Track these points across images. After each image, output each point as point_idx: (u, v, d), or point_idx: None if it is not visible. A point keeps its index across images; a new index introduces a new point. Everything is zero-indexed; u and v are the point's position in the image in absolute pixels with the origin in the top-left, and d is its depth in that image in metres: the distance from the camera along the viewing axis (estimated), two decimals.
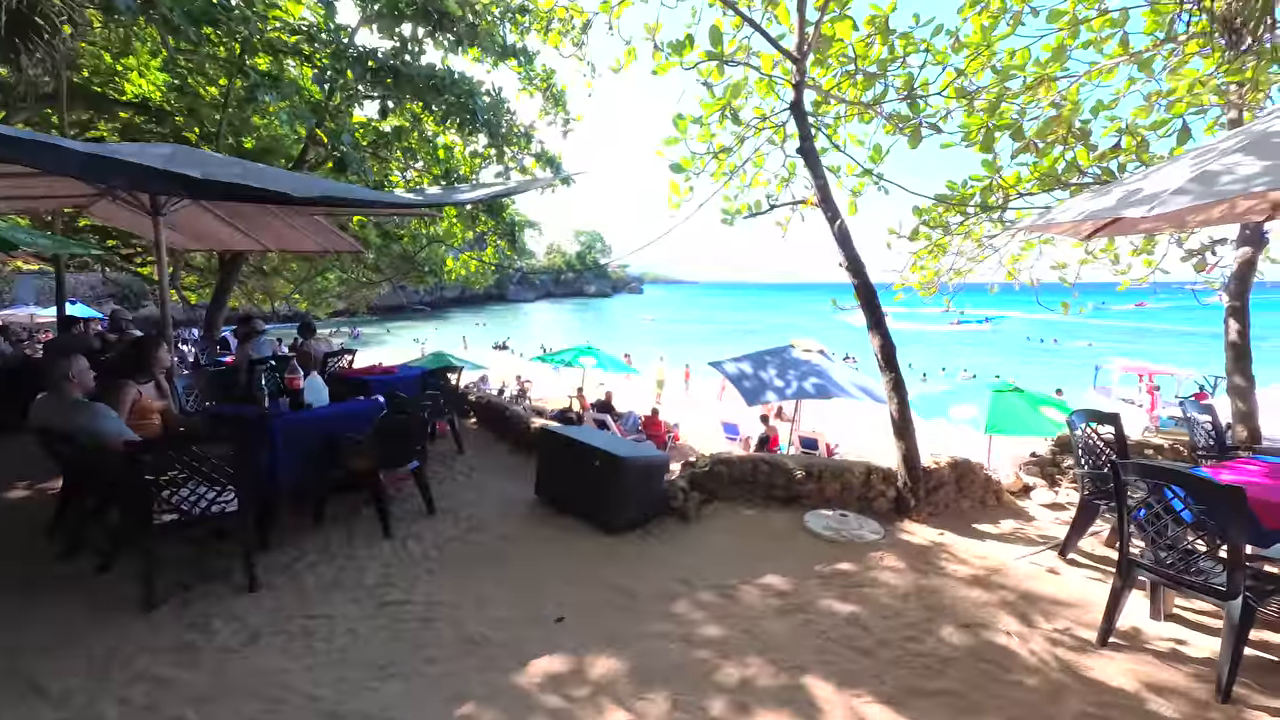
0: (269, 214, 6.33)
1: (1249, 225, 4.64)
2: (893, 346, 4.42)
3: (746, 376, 8.27)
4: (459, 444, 5.95)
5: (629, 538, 4.06)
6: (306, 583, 3.27)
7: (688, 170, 5.67)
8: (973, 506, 4.59)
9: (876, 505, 4.42)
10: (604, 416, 11.74)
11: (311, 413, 4.27)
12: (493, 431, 6.70)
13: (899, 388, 4.37)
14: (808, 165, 4.77)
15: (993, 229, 7.50)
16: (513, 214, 12.82)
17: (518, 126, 10.38)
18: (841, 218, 4.57)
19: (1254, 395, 4.40)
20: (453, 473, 5.35)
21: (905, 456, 4.29)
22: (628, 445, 4.59)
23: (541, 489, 4.63)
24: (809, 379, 7.89)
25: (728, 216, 6.84)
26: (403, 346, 39.07)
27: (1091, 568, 3.59)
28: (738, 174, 6.67)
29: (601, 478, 4.11)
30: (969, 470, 4.62)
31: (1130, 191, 2.82)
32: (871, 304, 4.47)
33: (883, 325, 4.43)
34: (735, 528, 4.22)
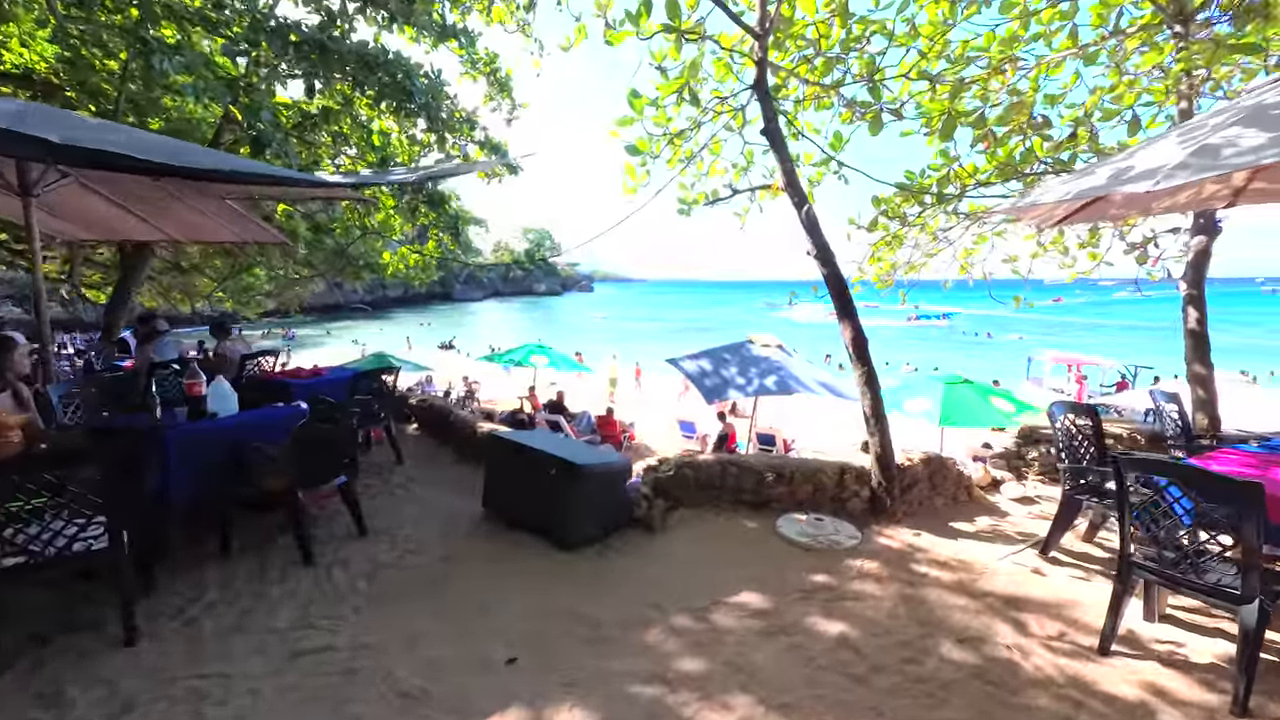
0: (170, 197, 5.56)
1: (1203, 214, 4.66)
2: (865, 339, 4.20)
3: (706, 374, 8.00)
4: (397, 453, 5.39)
5: (588, 554, 3.67)
6: (202, 630, 2.71)
7: (644, 153, 5.31)
8: (946, 504, 4.43)
9: (850, 506, 4.18)
10: (557, 418, 11.26)
11: (215, 423, 3.68)
12: (436, 438, 6.15)
13: (872, 382, 4.15)
14: (772, 147, 4.49)
15: (948, 221, 7.51)
16: (457, 207, 12.16)
17: (459, 112, 9.78)
18: (809, 204, 4.31)
19: (1214, 383, 4.42)
20: (389, 486, 4.80)
21: (879, 455, 4.07)
22: (585, 450, 4.18)
23: (490, 501, 4.17)
24: (769, 375, 7.68)
25: (684, 206, 6.53)
26: (342, 348, 37.18)
27: (1075, 565, 3.44)
28: (694, 161, 6.38)
29: (557, 488, 3.69)
30: (941, 467, 4.45)
31: (1120, 170, 2.61)
32: (842, 295, 4.23)
33: (854, 317, 4.19)
34: (705, 537, 3.89)
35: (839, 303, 4.23)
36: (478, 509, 4.21)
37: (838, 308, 4.23)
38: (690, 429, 11.85)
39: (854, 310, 4.20)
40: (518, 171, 10.82)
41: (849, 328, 4.18)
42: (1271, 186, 3.77)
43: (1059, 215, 3.94)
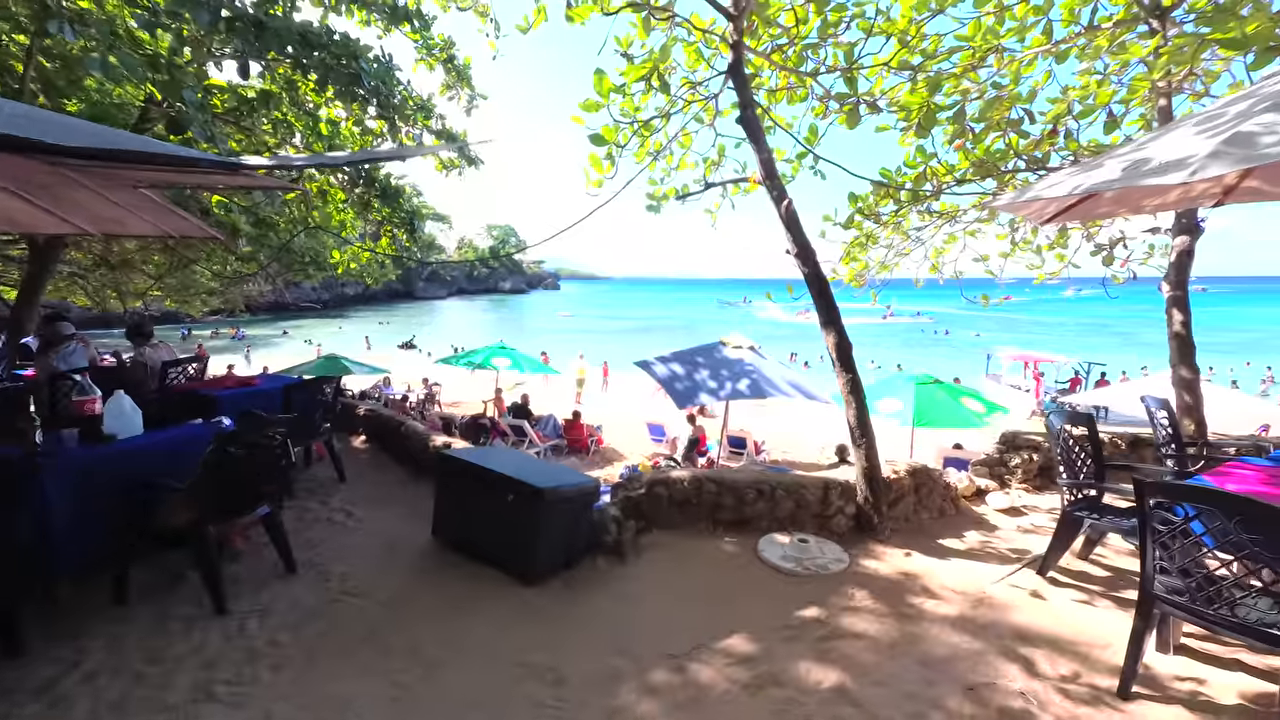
0: (72, 184, 4.91)
1: (1185, 214, 4.55)
2: (849, 344, 3.91)
3: (677, 378, 7.66)
4: (339, 471, 4.88)
5: (553, 588, 3.27)
6: (75, 709, 2.22)
7: (610, 143, 4.91)
8: (932, 518, 4.19)
9: (835, 524, 3.89)
10: (520, 422, 10.79)
11: (112, 449, 3.15)
12: (386, 452, 5.65)
13: (856, 390, 3.86)
14: (749, 137, 4.16)
15: (920, 220, 7.35)
16: (419, 203, 11.51)
17: (414, 99, 9.21)
18: (789, 198, 4.00)
19: (1200, 388, 4.29)
20: (328, 510, 4.30)
21: (866, 469, 3.79)
22: (547, 471, 3.78)
23: (441, 529, 3.73)
24: (742, 379, 7.39)
25: (654, 203, 6.19)
26: (296, 349, 35.61)
27: (1076, 587, 3.22)
28: (664, 155, 6.03)
29: (517, 516, 3.29)
30: (928, 479, 4.21)
31: (1137, 162, 2.35)
32: (824, 296, 3.93)
33: (837, 321, 3.90)
34: (680, 563, 3.54)
35: (821, 305, 3.93)
36: (427, 536, 3.76)
37: (819, 311, 3.93)
38: (659, 432, 11.53)
39: (837, 314, 3.91)
40: (477, 164, 10.31)
41: (832, 332, 3.89)
42: (1264, 186, 3.62)
43: (1051, 211, 3.73)
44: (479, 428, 11.25)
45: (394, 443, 5.49)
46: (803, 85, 5.58)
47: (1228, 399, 8.87)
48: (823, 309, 3.92)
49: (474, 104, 10.05)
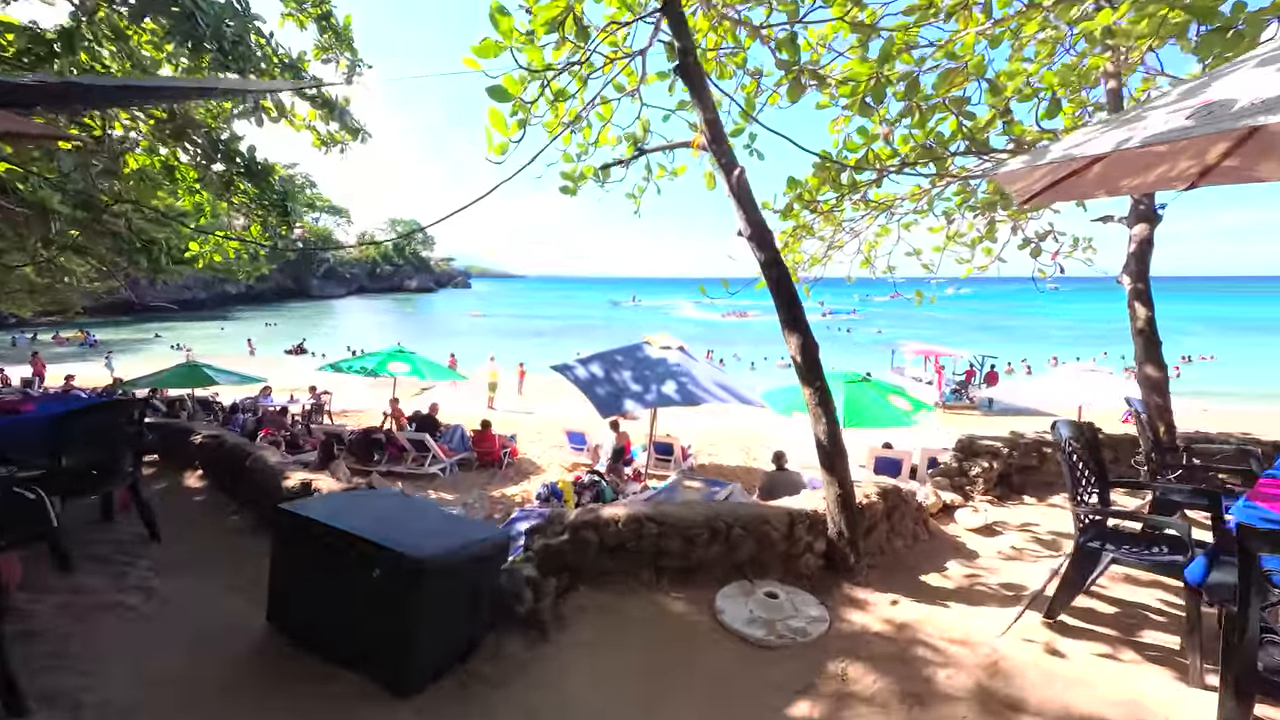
0: None
1: (1143, 201, 4.28)
2: (815, 347, 3.22)
3: (598, 381, 6.81)
4: (149, 526, 3.60)
5: (440, 697, 2.32)
6: None
7: (514, 98, 3.96)
8: (906, 545, 3.60)
9: (803, 565, 3.19)
10: (422, 436, 9.49)
11: None
12: (228, 492, 4.37)
13: (826, 403, 3.18)
14: (690, 90, 3.37)
15: (854, 211, 6.94)
16: (312, 194, 9.86)
17: (278, 56, 7.74)
18: (740, 167, 3.25)
19: (1168, 387, 4.00)
20: (122, 586, 3.06)
21: (840, 497, 3.11)
22: (435, 524, 2.78)
23: (279, 614, 2.65)
24: (668, 381, 6.65)
25: (569, 183, 5.31)
26: (165, 354, 31.24)
27: (1094, 637, 2.69)
28: (580, 127, 5.17)
29: (386, 598, 2.30)
30: (900, 501, 3.62)
31: (1211, 106, 1.79)
32: (784, 288, 3.22)
33: (801, 319, 3.20)
34: (617, 636, 2.69)
35: (780, 300, 3.22)
36: (262, 623, 2.67)
37: (780, 307, 3.22)
38: (580, 441, 10.60)
39: (801, 310, 3.22)
40: (363, 136, 8.95)
41: (795, 333, 3.18)
42: (1242, 165, 3.30)
43: (1037, 189, 3.23)
44: (371, 443, 9.82)
45: (239, 480, 4.24)
46: (740, 49, 4.89)
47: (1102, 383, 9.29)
48: (783, 304, 3.21)
49: (357, 71, 8.68)
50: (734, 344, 38.31)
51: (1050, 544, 3.66)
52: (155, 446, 5.53)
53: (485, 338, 43.79)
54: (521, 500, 8.73)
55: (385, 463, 9.65)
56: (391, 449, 9.78)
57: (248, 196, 9.23)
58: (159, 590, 3.02)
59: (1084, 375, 9.28)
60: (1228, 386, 23.91)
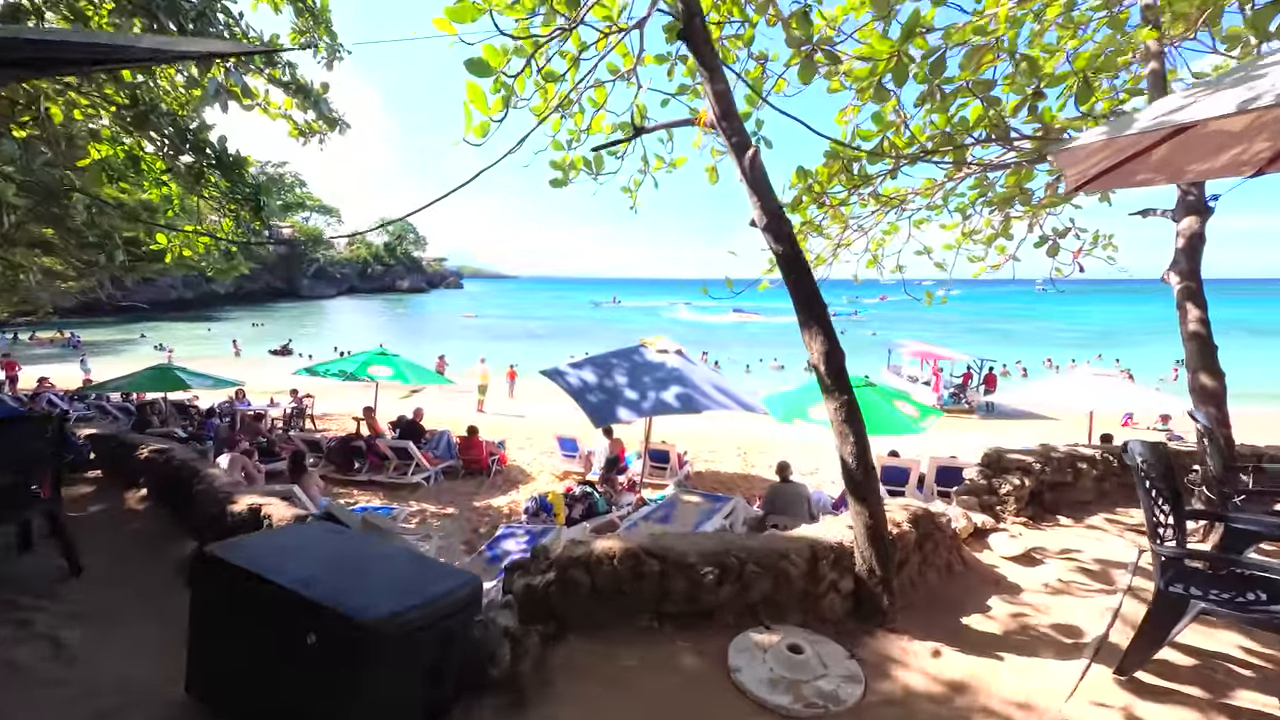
0: None
1: (1191, 191, 3.89)
2: (841, 354, 2.79)
3: (591, 388, 6.36)
4: (70, 559, 3.11)
5: None
6: None
7: (497, 70, 3.51)
8: (940, 578, 3.18)
9: (828, 607, 2.76)
10: (404, 444, 9.00)
11: None
12: (174, 516, 3.88)
13: (854, 419, 2.74)
14: (697, 58, 2.93)
15: (861, 207, 6.55)
16: (303, 193, 9.36)
17: (249, 39, 7.27)
18: (755, 146, 2.82)
19: (1225, 397, 3.58)
20: (25, 636, 2.58)
21: (870, 528, 2.68)
22: (394, 569, 2.31)
23: (200, 683, 2.18)
24: (669, 388, 6.22)
25: (560, 174, 4.88)
26: (147, 355, 30.46)
27: (1178, 700, 2.27)
28: (571, 113, 4.75)
29: (323, 668, 1.84)
30: (934, 528, 3.19)
31: None
32: (804, 286, 2.79)
33: (825, 321, 2.77)
34: (612, 704, 2.24)
35: (800, 299, 2.78)
36: (182, 691, 2.20)
37: (800, 308, 2.79)
38: (572, 448, 10.15)
39: (824, 310, 2.79)
40: (340, 126, 8.49)
41: (819, 337, 2.74)
42: None
43: (1093, 173, 2.82)
44: (351, 451, 9.33)
45: (185, 504, 3.75)
46: (747, 25, 4.46)
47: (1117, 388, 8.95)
48: (802, 304, 2.78)
49: (337, 56, 8.22)
50: (728, 346, 37.98)
51: (1099, 575, 3.25)
52: (98, 461, 5.03)
53: (476, 339, 43.23)
54: (509, 511, 8.28)
55: (366, 471, 9.16)
56: (372, 457, 9.30)
57: (219, 190, 8.73)
58: (68, 644, 2.54)
59: (1095, 380, 8.92)
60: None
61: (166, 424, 11.94)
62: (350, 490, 8.84)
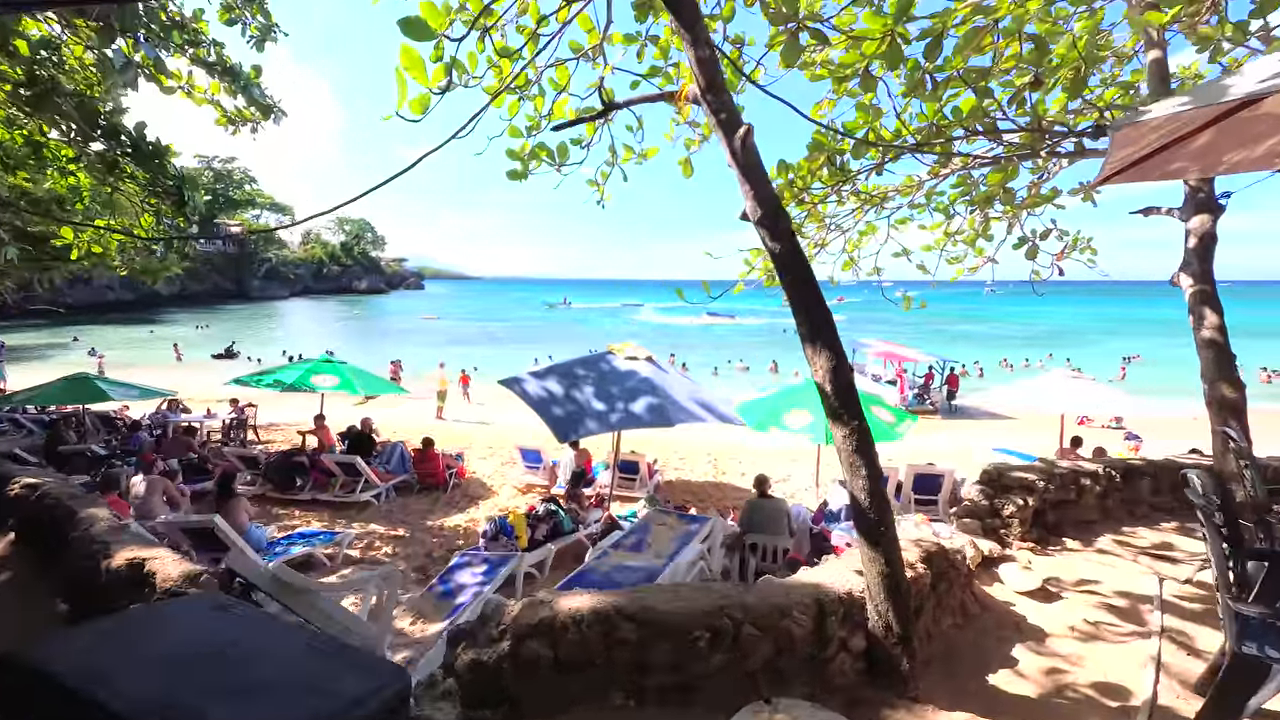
0: None
1: (1201, 189, 3.63)
2: (849, 371, 2.36)
3: (555, 400, 5.83)
4: None
5: None
6: None
7: (438, 34, 2.96)
8: (956, 624, 2.79)
9: (837, 671, 2.32)
10: (352, 459, 8.27)
11: None
12: (43, 564, 3.20)
13: (865, 449, 2.32)
14: (681, 24, 2.46)
15: (838, 206, 6.24)
16: (256, 192, 8.50)
17: (166, 14, 6.55)
18: (748, 124, 2.37)
19: (1246, 410, 3.31)
20: None
21: (887, 578, 2.25)
22: (286, 661, 1.73)
23: None
24: (639, 399, 5.75)
25: (518, 164, 4.36)
26: (77, 362, 28.29)
27: None
28: (529, 94, 4.25)
29: None
30: (947, 566, 2.80)
31: None
32: (804, 289, 2.35)
33: (829, 333, 2.34)
34: None
35: (799, 305, 2.35)
36: None
37: (800, 313, 2.35)
38: (535, 459, 9.57)
39: (828, 317, 2.35)
40: (275, 114, 7.76)
41: (823, 352, 2.31)
42: None
43: (1134, 159, 2.47)
44: (293, 467, 8.55)
45: (58, 551, 3.08)
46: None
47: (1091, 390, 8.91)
48: (803, 311, 2.34)
49: (270, 36, 7.49)
50: (696, 349, 37.80)
51: (1126, 613, 2.93)
52: None
53: (434, 342, 41.88)
54: (467, 531, 7.67)
55: (309, 489, 8.40)
56: (316, 474, 8.53)
57: (136, 182, 7.86)
58: None
59: (1070, 383, 8.86)
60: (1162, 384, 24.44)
61: (85, 439, 10.84)
62: (292, 511, 8.08)
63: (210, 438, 12.34)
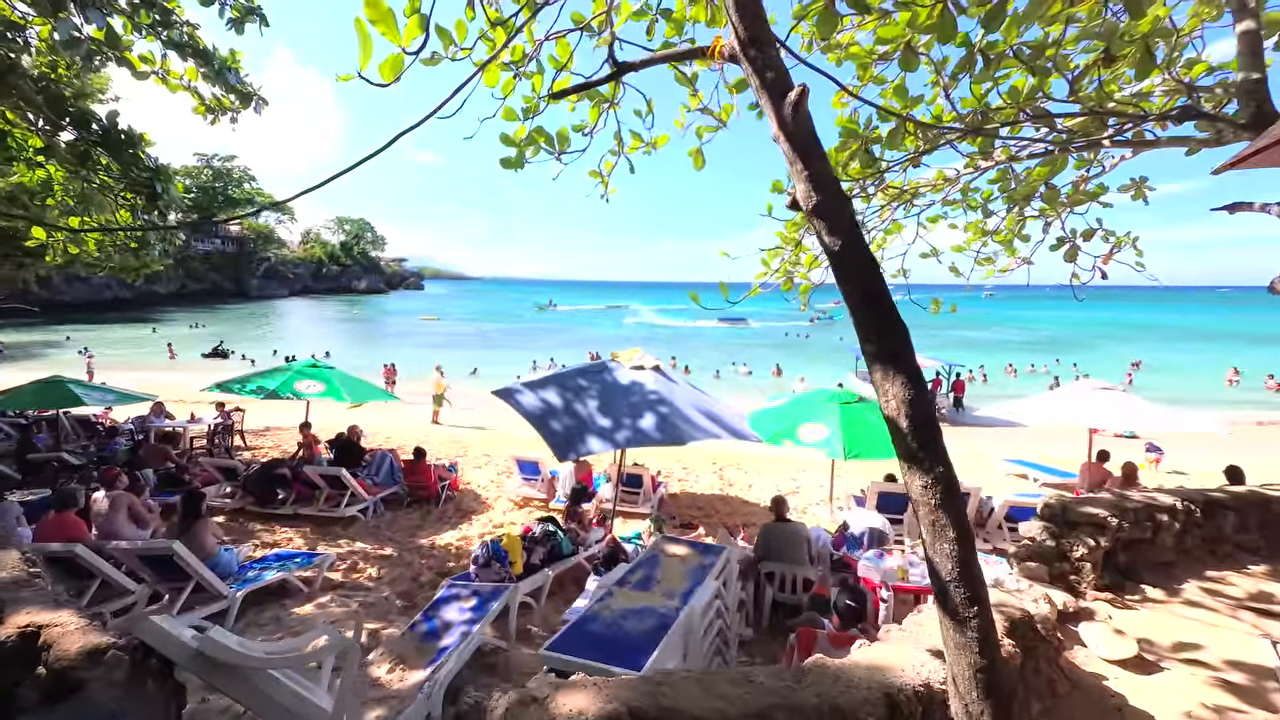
0: None
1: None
2: (928, 403, 1.84)
3: (553, 413, 5.32)
4: None
5: None
6: None
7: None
8: (1044, 709, 2.27)
9: None
10: (336, 471, 7.75)
11: None
12: None
13: (950, 504, 1.79)
14: None
15: (863, 203, 5.74)
16: (251, 190, 8.00)
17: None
18: (803, 85, 1.85)
19: None
20: None
21: (983, 672, 1.72)
22: None
23: None
24: (647, 414, 5.24)
25: (513, 149, 3.88)
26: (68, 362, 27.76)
27: None
28: (526, 70, 3.75)
29: None
30: (1035, 639, 2.28)
31: None
32: (873, 301, 1.84)
33: (904, 351, 1.82)
34: None
35: (867, 315, 1.83)
36: None
37: (865, 328, 1.83)
38: (533, 470, 9.04)
39: (904, 337, 1.83)
40: (256, 103, 7.29)
41: (897, 378, 1.79)
42: None
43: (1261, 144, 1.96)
44: (273, 480, 8.02)
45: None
46: None
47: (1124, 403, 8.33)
48: (871, 325, 1.82)
49: (249, 17, 6.98)
50: (698, 352, 37.26)
51: (1247, 692, 2.41)
52: None
53: (430, 344, 41.34)
54: (459, 550, 7.14)
55: (292, 503, 7.87)
56: (299, 486, 8.01)
57: (110, 174, 7.37)
58: None
59: (1095, 394, 8.33)
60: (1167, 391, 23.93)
61: (60, 446, 10.32)
62: (272, 526, 7.56)
63: (194, 444, 11.82)
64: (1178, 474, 11.93)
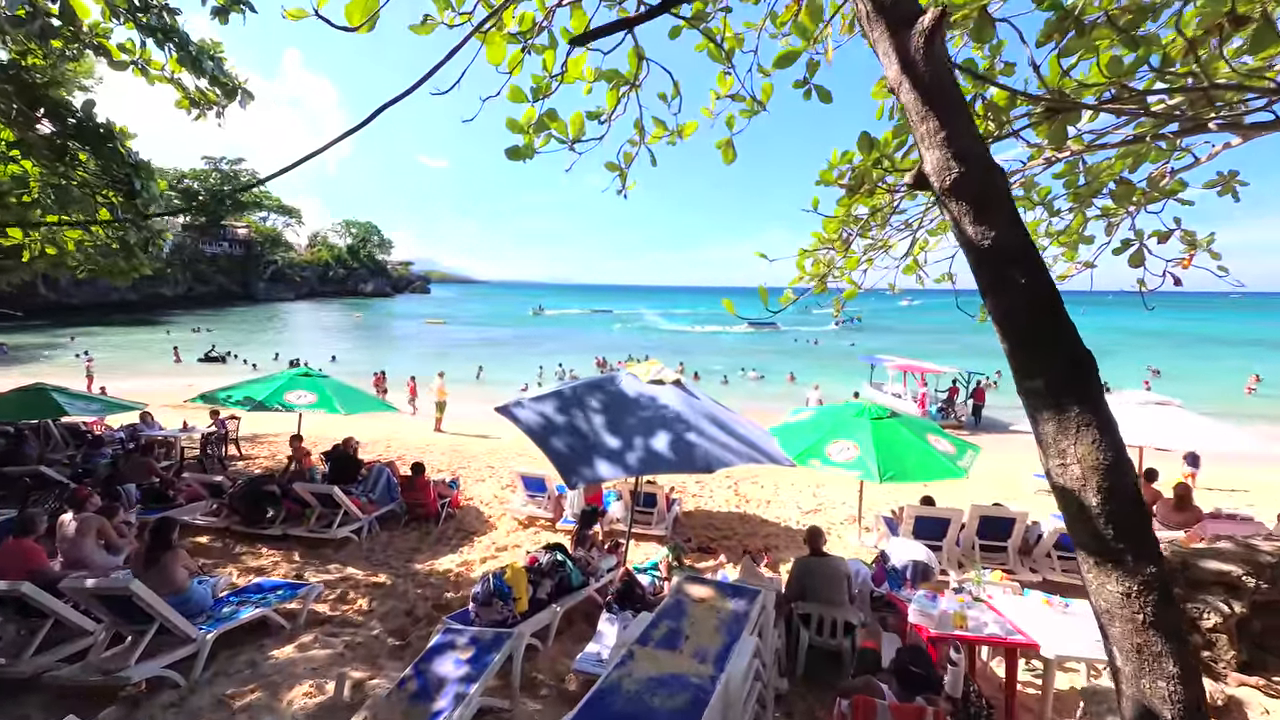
0: None
1: None
2: (1132, 473, 1.25)
3: (559, 430, 4.72)
4: None
5: None
6: None
7: None
8: None
9: None
10: (329, 489, 7.19)
11: None
12: None
13: (1166, 618, 1.21)
14: None
15: (907, 200, 5.13)
16: (233, 180, 7.49)
17: None
18: (939, 8, 1.28)
19: None
20: None
21: None
22: None
23: None
24: (664, 435, 4.63)
25: (521, 139, 3.36)
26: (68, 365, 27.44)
27: None
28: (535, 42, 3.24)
29: None
30: None
31: None
32: (1041, 316, 1.26)
33: (1092, 390, 1.24)
34: None
35: (1032, 335, 1.26)
36: None
37: (1026, 351, 1.26)
38: (539, 487, 8.45)
39: (1091, 371, 1.25)
40: (241, 97, 6.81)
41: (1084, 437, 1.21)
42: None
43: None
44: (261, 497, 7.47)
45: None
46: None
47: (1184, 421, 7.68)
48: (1032, 342, 1.24)
49: (235, 7, 6.44)
50: (705, 357, 36.63)
51: None
52: None
53: (434, 348, 40.86)
54: (459, 578, 6.57)
55: (281, 523, 7.31)
56: (289, 503, 7.46)
57: (87, 169, 6.89)
58: None
59: (1148, 409, 7.69)
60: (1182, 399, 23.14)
61: (45, 457, 9.83)
62: (258, 548, 7.01)
63: (185, 455, 11.32)
64: (1215, 489, 11.21)
